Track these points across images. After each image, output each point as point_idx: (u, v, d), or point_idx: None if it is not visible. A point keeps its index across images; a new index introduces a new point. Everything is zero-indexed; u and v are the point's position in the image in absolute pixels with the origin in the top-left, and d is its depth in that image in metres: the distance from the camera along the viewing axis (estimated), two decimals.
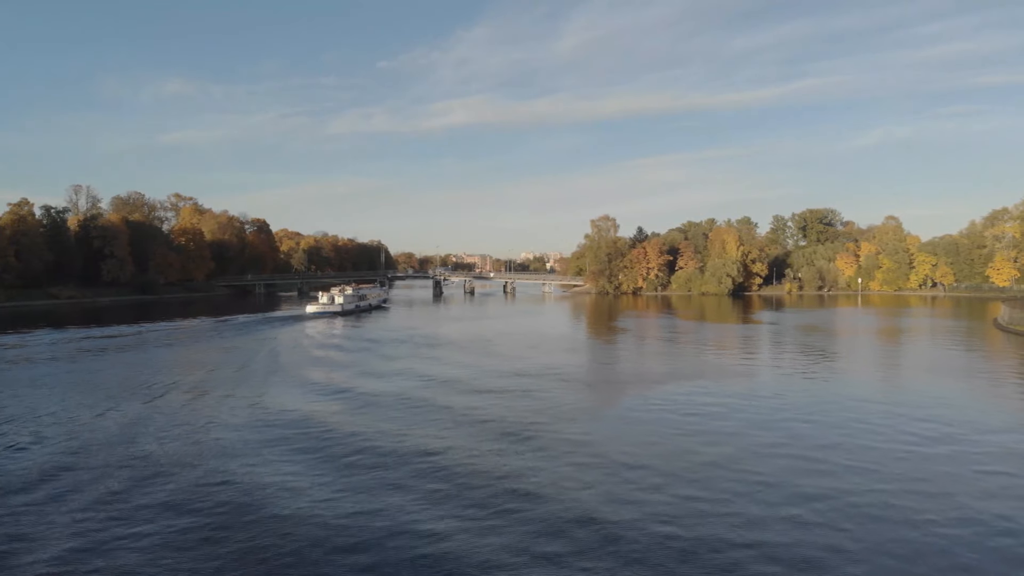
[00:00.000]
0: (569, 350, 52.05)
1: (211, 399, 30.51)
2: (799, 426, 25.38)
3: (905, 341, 61.32)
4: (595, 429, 24.87)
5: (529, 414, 26.96)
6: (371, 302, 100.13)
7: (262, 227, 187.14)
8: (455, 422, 25.79)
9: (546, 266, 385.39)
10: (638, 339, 61.34)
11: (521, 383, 34.32)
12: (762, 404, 29.65)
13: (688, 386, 33.88)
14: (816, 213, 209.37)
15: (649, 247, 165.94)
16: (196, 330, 66.12)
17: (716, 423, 25.80)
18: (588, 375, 38.90)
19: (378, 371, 38.74)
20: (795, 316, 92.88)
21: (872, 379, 38.42)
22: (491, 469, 19.67)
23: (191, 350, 51.19)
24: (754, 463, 20.41)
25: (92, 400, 29.67)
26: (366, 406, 28.90)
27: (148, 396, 30.72)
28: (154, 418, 26.39)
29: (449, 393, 31.77)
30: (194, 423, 25.65)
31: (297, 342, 56.01)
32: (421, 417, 26.58)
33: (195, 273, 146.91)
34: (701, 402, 29.80)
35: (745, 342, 59.17)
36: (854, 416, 26.93)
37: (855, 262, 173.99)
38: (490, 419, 26.20)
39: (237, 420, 26.15)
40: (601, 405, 30.05)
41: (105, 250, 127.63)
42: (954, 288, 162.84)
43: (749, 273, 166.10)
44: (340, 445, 22.29)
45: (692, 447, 22.37)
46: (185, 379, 36.19)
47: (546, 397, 30.70)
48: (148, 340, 55.92)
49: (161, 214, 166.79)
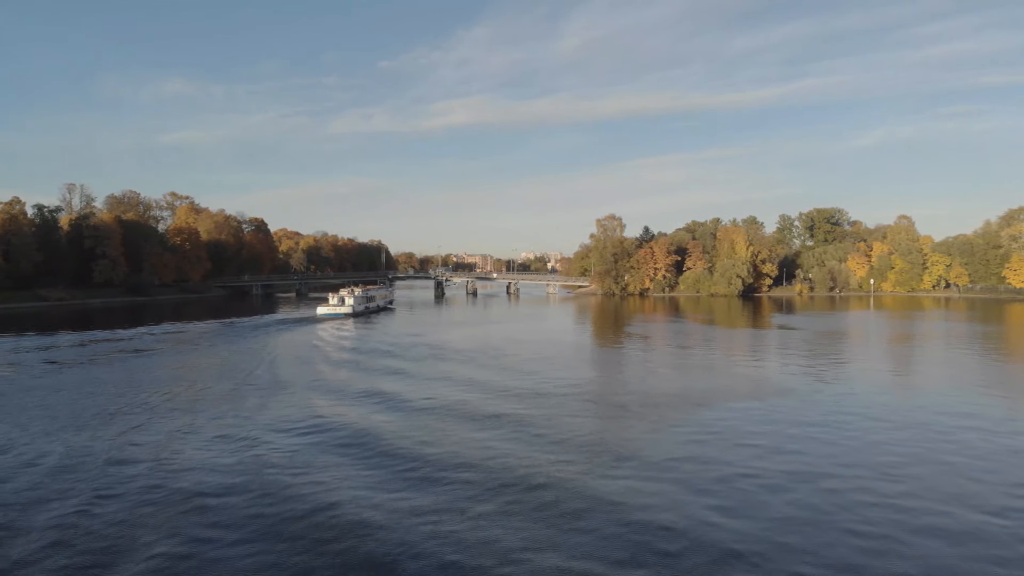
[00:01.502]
0: (589, 362, 47.97)
1: (253, 408, 28.95)
2: (924, 470, 21.15)
3: (962, 349, 56.38)
4: (651, 478, 19.79)
5: (556, 453, 22.15)
6: (379, 303, 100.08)
7: (260, 226, 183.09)
8: (467, 467, 20.61)
9: (547, 266, 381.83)
10: (661, 347, 57.17)
11: (544, 407, 29.54)
12: (843, 426, 25.64)
13: (740, 408, 29.81)
14: (823, 212, 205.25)
15: (656, 247, 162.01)
16: (207, 334, 62.70)
17: (801, 462, 21.36)
18: (619, 394, 34.07)
19: (380, 393, 34.54)
20: (817, 320, 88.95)
21: (953, 394, 34.17)
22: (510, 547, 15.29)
23: (207, 355, 47.61)
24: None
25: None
26: (348, 446, 23.29)
27: (154, 411, 26.86)
28: (201, 427, 23.36)
29: (460, 424, 26.29)
30: (248, 435, 24.52)
31: (316, 347, 54.51)
32: (426, 465, 20.77)
33: (191, 274, 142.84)
34: (769, 430, 25.45)
35: (780, 352, 54.74)
36: (974, 446, 23.04)
37: (867, 263, 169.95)
38: (510, 463, 21.00)
39: (287, 430, 25.40)
40: (648, 439, 24.31)
41: (97, 250, 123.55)
42: (969, 289, 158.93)
43: (759, 274, 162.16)
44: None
45: (806, 503, 17.74)
46: (216, 386, 32.66)
47: (577, 428, 25.88)
48: (147, 345, 51.99)
49: (157, 213, 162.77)
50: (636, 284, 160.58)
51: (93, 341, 55.94)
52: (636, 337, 65.21)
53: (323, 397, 32.18)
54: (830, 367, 45.06)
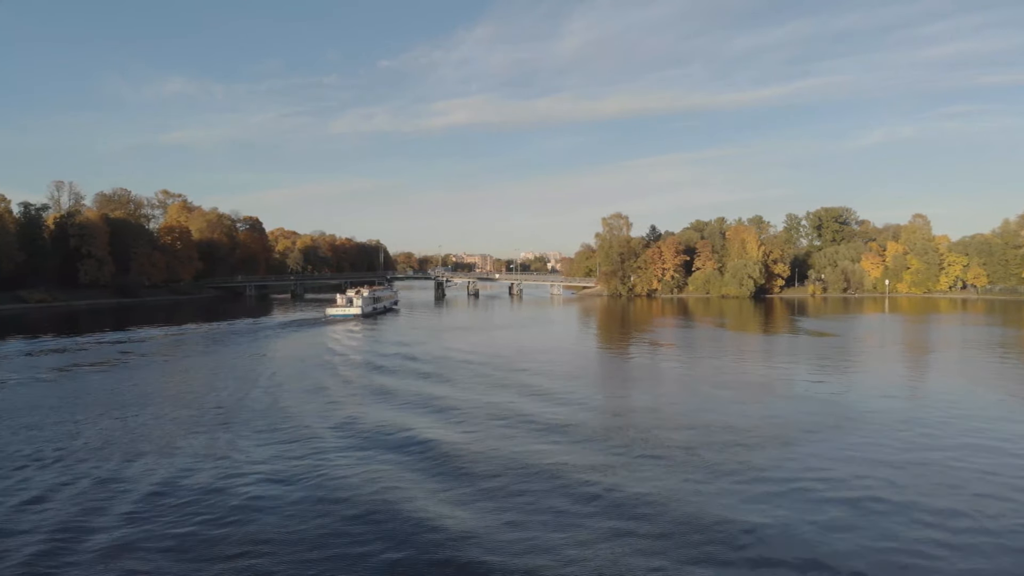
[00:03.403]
0: (621, 380, 41.13)
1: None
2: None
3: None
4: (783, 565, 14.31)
5: (621, 540, 16.17)
6: (385, 304, 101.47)
7: (255, 225, 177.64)
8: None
9: (547, 266, 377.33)
10: (696, 358, 50.40)
11: (586, 452, 23.55)
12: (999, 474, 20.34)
13: (835, 443, 24.27)
14: (832, 212, 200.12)
15: (665, 247, 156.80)
16: (208, 337, 57.68)
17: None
18: (676, 427, 26.42)
19: (378, 427, 29.18)
20: (846, 325, 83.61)
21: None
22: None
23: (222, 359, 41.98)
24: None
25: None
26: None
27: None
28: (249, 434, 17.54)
29: (479, 487, 18.86)
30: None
31: (335, 353, 51.98)
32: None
33: (181, 274, 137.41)
34: (892, 478, 20.25)
35: (839, 365, 48.63)
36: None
37: (881, 263, 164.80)
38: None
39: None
40: (741, 497, 18.03)
41: (83, 250, 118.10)
42: (987, 290, 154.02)
43: (770, 274, 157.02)
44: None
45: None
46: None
47: (636, 486, 19.28)
48: (132, 358, 46.48)
49: (148, 212, 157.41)
50: (643, 285, 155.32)
51: (41, 351, 50.43)
52: (663, 347, 59.30)
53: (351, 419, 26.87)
54: (909, 383, 39.67)
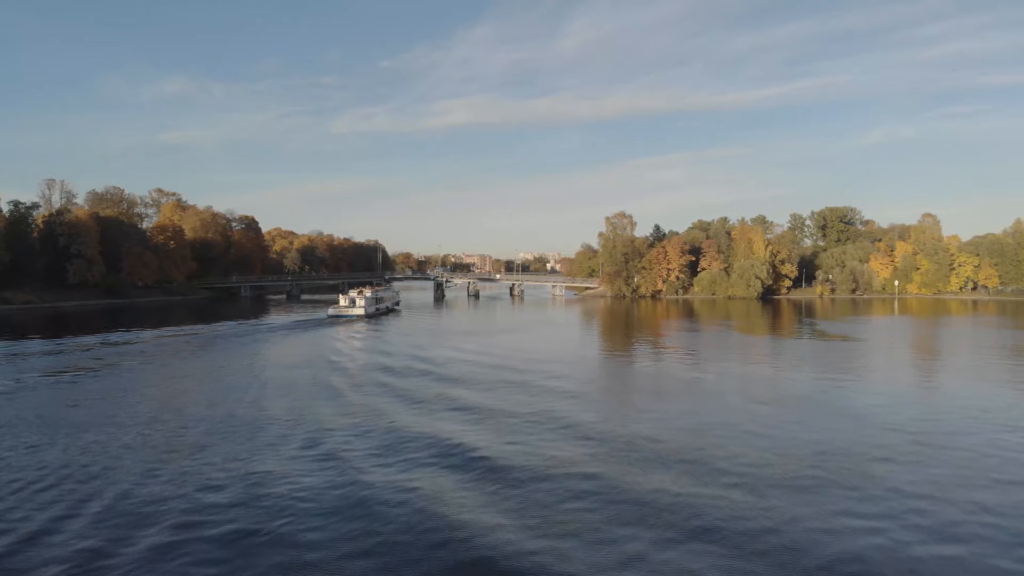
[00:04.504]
0: (655, 393, 35.32)
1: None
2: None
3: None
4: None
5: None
6: (388, 304, 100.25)
7: (250, 224, 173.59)
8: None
9: (546, 267, 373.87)
10: (724, 366, 46.18)
11: (634, 468, 20.33)
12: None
13: (926, 472, 21.03)
14: (836, 211, 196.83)
15: (670, 246, 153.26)
16: (210, 342, 53.52)
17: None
18: (728, 458, 22.19)
19: (409, 433, 25.59)
20: (869, 327, 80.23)
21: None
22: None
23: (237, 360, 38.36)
24: None
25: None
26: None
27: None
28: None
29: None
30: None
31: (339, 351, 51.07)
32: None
33: (174, 274, 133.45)
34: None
35: (886, 373, 45.63)
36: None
37: (890, 263, 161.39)
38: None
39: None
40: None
41: (71, 249, 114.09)
42: (999, 291, 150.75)
43: (777, 275, 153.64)
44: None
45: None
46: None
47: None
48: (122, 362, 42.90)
49: (141, 211, 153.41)
50: (648, 286, 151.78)
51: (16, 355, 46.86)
52: (683, 352, 55.36)
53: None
54: (978, 398, 36.28)
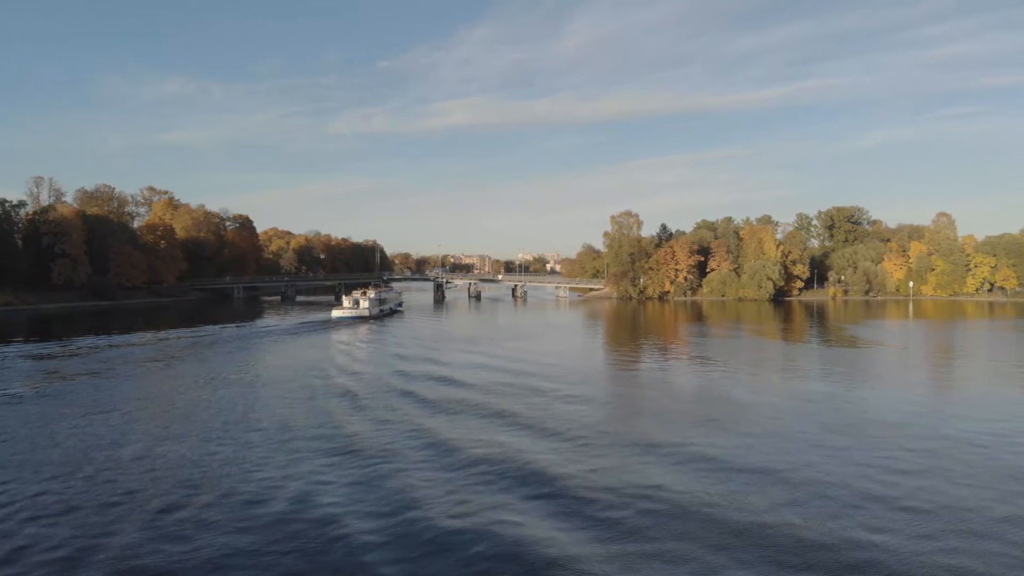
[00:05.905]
0: (706, 421, 28.70)
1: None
2: None
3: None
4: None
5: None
6: (391, 306, 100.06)
7: (245, 224, 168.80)
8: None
9: (546, 267, 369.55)
10: (763, 375, 42.99)
11: (704, 482, 15.91)
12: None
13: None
14: (844, 211, 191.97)
15: (678, 246, 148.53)
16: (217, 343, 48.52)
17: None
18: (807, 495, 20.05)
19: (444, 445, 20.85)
20: (899, 332, 75.65)
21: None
22: None
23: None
24: None
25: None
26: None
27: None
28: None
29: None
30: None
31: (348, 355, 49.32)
32: None
33: (164, 275, 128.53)
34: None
35: (937, 384, 41.21)
36: None
37: (905, 264, 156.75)
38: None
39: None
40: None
41: (56, 248, 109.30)
42: (1017, 293, 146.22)
43: (789, 276, 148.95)
44: None
45: None
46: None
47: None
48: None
49: (133, 209, 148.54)
50: (655, 287, 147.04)
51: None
52: (720, 364, 50.83)
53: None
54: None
